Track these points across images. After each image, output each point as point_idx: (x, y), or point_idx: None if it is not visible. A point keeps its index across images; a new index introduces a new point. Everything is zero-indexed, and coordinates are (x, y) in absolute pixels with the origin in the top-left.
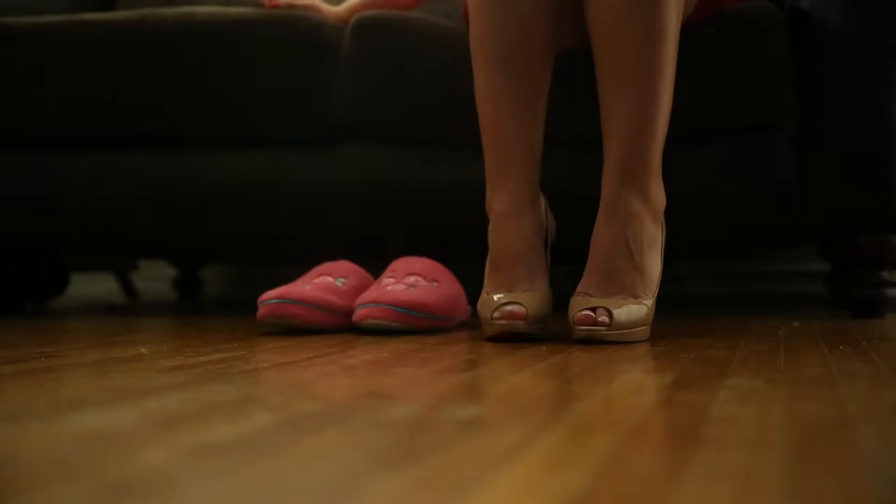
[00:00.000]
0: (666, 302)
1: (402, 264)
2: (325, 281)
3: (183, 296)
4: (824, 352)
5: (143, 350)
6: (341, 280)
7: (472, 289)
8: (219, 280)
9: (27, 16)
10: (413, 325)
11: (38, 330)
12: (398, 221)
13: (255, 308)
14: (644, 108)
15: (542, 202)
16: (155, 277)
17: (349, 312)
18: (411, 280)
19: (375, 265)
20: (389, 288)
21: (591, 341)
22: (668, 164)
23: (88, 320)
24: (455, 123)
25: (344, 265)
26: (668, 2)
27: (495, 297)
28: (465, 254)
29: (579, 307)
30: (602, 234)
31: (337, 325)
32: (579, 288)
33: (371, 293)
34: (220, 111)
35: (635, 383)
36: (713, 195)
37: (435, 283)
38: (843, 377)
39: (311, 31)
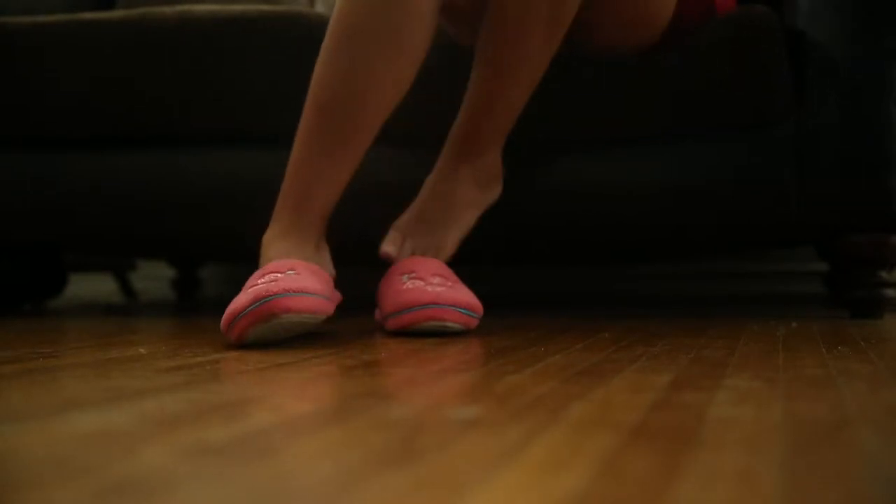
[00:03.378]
0: (665, 302)
1: (418, 265)
2: (278, 277)
3: (181, 296)
4: (823, 352)
5: (142, 350)
6: (291, 273)
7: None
8: (217, 280)
9: (26, 15)
10: (469, 326)
11: (36, 330)
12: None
13: None
14: (506, 99)
15: (327, 249)
16: (153, 278)
17: (329, 295)
18: (439, 281)
19: (376, 266)
20: (431, 289)
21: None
22: (668, 165)
23: (87, 320)
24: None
25: (281, 263)
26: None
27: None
28: (465, 254)
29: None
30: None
31: (327, 311)
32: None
33: (417, 295)
34: (220, 110)
35: (634, 383)
36: (711, 195)
37: (457, 284)
38: (841, 377)
39: (311, 28)
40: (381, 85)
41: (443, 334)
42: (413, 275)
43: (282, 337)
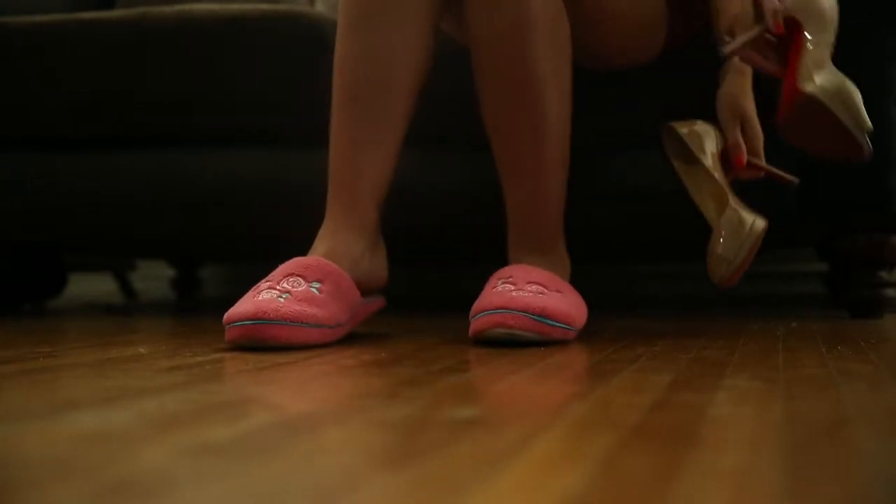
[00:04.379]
0: (665, 302)
1: (518, 270)
2: (299, 288)
3: (181, 296)
4: (822, 352)
5: (142, 350)
6: (316, 285)
7: (475, 289)
8: (217, 280)
9: (26, 15)
10: (548, 335)
11: (35, 330)
12: (398, 221)
13: None
14: (534, 195)
15: (383, 249)
16: (153, 277)
17: (334, 324)
18: (534, 288)
19: None
20: (514, 293)
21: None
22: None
23: (87, 320)
24: (454, 122)
25: (316, 265)
26: (545, 99)
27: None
28: (465, 254)
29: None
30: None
31: (321, 341)
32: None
33: (492, 299)
34: (220, 109)
35: (633, 383)
36: None
37: (558, 293)
38: (841, 377)
39: (311, 27)
40: (404, 63)
41: (515, 344)
42: (508, 279)
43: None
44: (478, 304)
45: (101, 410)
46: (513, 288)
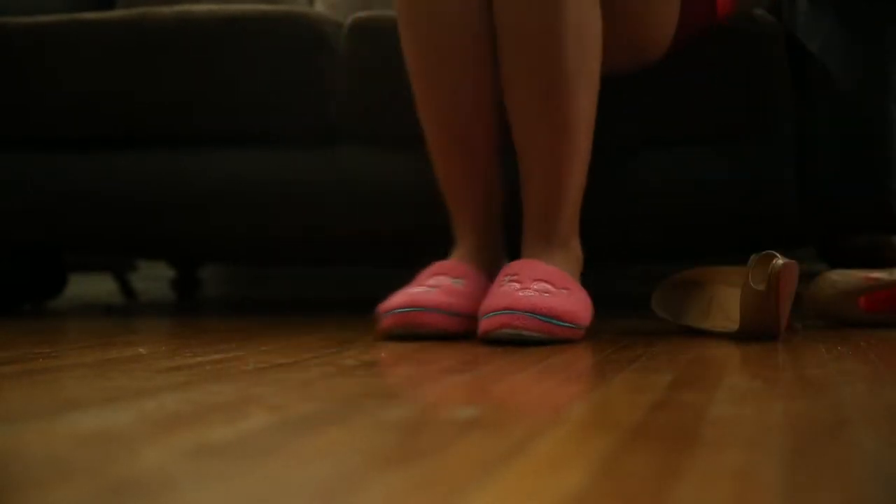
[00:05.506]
0: None
1: (523, 267)
2: (443, 281)
3: (181, 296)
4: (822, 352)
5: (142, 350)
6: (460, 281)
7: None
8: (217, 280)
9: (26, 15)
10: (554, 334)
11: (36, 330)
12: (398, 222)
13: (253, 309)
14: (555, 188)
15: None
16: (153, 278)
17: (471, 316)
18: (540, 286)
19: (376, 266)
20: (520, 293)
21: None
22: (666, 166)
23: (87, 321)
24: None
25: (458, 266)
26: (573, 94)
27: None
28: None
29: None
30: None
31: (460, 331)
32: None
33: (498, 300)
34: (220, 109)
35: (634, 383)
36: (712, 197)
37: (565, 291)
38: (841, 378)
39: (310, 28)
40: (468, 94)
41: (521, 343)
42: (514, 277)
43: (420, 336)
44: (485, 304)
45: (101, 411)
46: (518, 287)
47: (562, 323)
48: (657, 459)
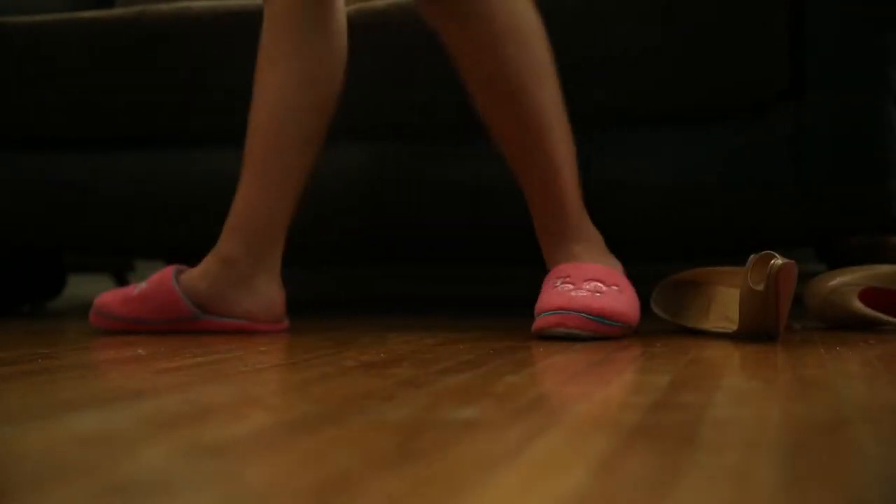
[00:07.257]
0: None
1: (574, 269)
2: (603, 289)
3: None
4: (821, 353)
5: (141, 351)
6: (615, 289)
7: (479, 290)
8: None
9: (25, 15)
10: (605, 333)
11: (35, 331)
12: (398, 220)
13: None
14: (550, 185)
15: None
16: None
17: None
18: (592, 286)
19: (376, 264)
20: (573, 293)
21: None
22: (665, 166)
23: (86, 321)
24: (453, 121)
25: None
26: (530, 92)
27: None
28: (465, 254)
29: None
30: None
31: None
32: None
33: (553, 299)
34: (220, 109)
35: (633, 384)
36: (709, 196)
37: (615, 288)
38: (840, 378)
39: None
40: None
41: (573, 339)
42: (566, 279)
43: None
44: (540, 304)
45: (100, 411)
46: (571, 287)
47: (613, 322)
48: (656, 460)
